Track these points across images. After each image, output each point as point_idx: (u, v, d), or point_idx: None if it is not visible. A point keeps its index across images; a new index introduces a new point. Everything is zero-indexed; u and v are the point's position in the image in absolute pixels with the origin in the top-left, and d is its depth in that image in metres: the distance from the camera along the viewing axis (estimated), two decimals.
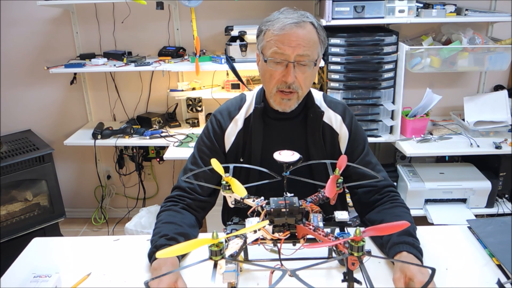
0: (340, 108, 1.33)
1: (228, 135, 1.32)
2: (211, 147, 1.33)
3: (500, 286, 1.03)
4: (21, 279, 1.11)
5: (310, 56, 1.16)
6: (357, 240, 0.73)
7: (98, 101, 2.80)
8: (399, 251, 1.08)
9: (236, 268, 0.85)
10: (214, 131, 1.34)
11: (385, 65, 2.21)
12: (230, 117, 1.33)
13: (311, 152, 1.30)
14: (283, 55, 1.15)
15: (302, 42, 1.13)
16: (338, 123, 1.31)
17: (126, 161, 2.89)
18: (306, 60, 1.16)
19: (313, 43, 1.16)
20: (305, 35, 1.14)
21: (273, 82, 1.19)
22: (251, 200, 0.98)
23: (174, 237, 1.14)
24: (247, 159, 1.32)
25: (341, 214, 0.96)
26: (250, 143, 1.31)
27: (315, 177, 1.28)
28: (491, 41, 2.32)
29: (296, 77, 1.16)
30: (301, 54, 1.14)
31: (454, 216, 2.23)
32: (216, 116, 1.35)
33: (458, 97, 2.54)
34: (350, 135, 1.31)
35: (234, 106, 1.35)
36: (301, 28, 1.14)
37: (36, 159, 2.39)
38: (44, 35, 2.65)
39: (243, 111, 1.33)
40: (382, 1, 2.13)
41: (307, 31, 1.15)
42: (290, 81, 1.16)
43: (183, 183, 1.31)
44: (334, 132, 1.31)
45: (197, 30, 2.34)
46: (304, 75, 1.17)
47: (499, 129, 2.34)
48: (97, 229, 2.93)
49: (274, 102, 1.23)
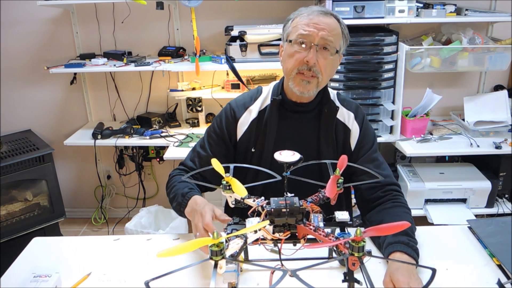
0: (353, 106, 1.37)
1: (241, 124, 1.35)
2: (220, 135, 1.36)
3: (500, 286, 1.03)
4: (21, 279, 1.11)
5: (333, 43, 1.21)
6: (357, 240, 0.73)
7: (98, 101, 2.80)
8: (392, 251, 1.08)
9: (237, 268, 0.85)
10: (227, 120, 1.36)
11: (385, 65, 2.22)
12: (245, 107, 1.36)
13: (322, 147, 1.32)
14: (308, 36, 1.20)
15: (327, 27, 1.20)
16: (351, 120, 1.34)
17: (126, 161, 2.89)
18: (329, 45, 1.21)
19: (336, 33, 1.22)
20: (330, 23, 1.21)
21: (295, 63, 1.22)
22: (252, 200, 0.98)
23: (194, 188, 1.26)
24: (259, 151, 1.33)
25: (342, 214, 0.96)
26: (264, 135, 1.32)
27: (324, 172, 1.29)
28: (491, 41, 2.32)
29: (318, 61, 1.20)
30: (325, 38, 1.19)
31: (454, 216, 2.23)
32: (231, 105, 1.38)
33: (458, 97, 2.54)
34: (360, 132, 1.34)
35: (250, 97, 1.38)
36: (327, 17, 1.22)
37: (36, 159, 2.39)
38: (44, 35, 2.65)
39: (258, 102, 1.36)
40: (382, 1, 2.13)
41: (332, 21, 1.22)
42: (312, 62, 1.19)
43: (189, 162, 1.38)
44: (347, 129, 1.34)
45: (197, 30, 2.34)
46: (326, 61, 1.21)
47: (499, 129, 2.34)
48: (97, 229, 2.93)
49: (293, 84, 1.24)
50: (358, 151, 1.33)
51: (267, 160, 1.30)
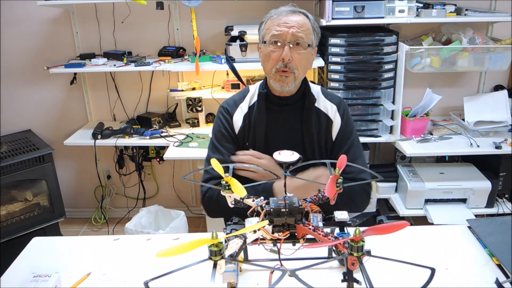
0: (336, 100, 1.45)
1: (236, 120, 1.43)
2: (226, 134, 1.43)
3: (498, 285, 1.03)
4: (21, 279, 1.11)
5: (304, 38, 1.30)
6: (356, 240, 0.73)
7: (98, 101, 2.80)
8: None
9: (236, 268, 0.85)
10: (225, 118, 1.44)
11: (385, 65, 2.21)
12: (236, 105, 1.45)
13: (305, 137, 1.41)
14: (280, 35, 1.29)
15: (296, 25, 1.29)
16: (333, 112, 1.43)
17: (126, 161, 2.89)
18: (300, 41, 1.30)
19: (306, 29, 1.31)
20: (299, 20, 1.31)
21: (272, 62, 1.32)
22: (251, 200, 0.97)
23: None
24: (251, 143, 1.42)
25: (341, 214, 0.96)
26: (255, 128, 1.41)
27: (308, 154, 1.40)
28: (491, 41, 2.32)
29: (292, 58, 1.29)
30: (296, 34, 1.29)
31: (454, 216, 2.23)
32: (223, 106, 1.47)
33: (458, 97, 2.54)
34: (341, 124, 1.42)
35: (239, 95, 1.48)
36: (296, 15, 1.32)
37: (36, 159, 2.39)
38: (44, 35, 2.65)
39: (247, 99, 1.45)
40: (382, 1, 2.13)
41: (301, 18, 1.32)
42: (287, 58, 1.28)
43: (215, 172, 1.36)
44: (329, 120, 1.42)
45: (197, 30, 2.34)
46: (300, 56, 1.31)
47: (499, 129, 2.34)
48: (97, 229, 2.93)
49: (273, 81, 1.34)
50: (339, 142, 1.41)
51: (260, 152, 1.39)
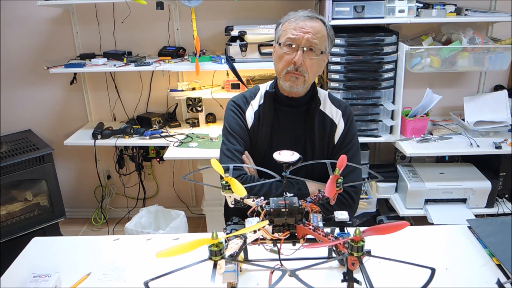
0: (342, 105, 1.49)
1: (248, 116, 1.47)
2: (240, 124, 1.44)
3: (499, 286, 1.03)
4: (21, 279, 1.11)
5: (318, 45, 1.32)
6: (356, 240, 0.73)
7: (98, 101, 2.80)
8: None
9: (236, 268, 0.85)
10: (239, 112, 1.46)
11: (385, 65, 2.21)
12: (247, 102, 1.48)
13: (308, 139, 1.44)
14: (295, 39, 1.32)
15: (312, 31, 1.32)
16: (338, 117, 1.46)
17: (126, 161, 2.89)
18: (314, 47, 1.32)
19: (321, 36, 1.33)
20: (315, 27, 1.33)
21: (284, 64, 1.35)
22: (251, 200, 0.98)
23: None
24: (255, 141, 1.45)
25: (341, 214, 0.96)
26: (262, 125, 1.45)
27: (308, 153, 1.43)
28: (491, 41, 2.32)
29: (304, 62, 1.32)
30: (310, 40, 1.31)
31: (454, 216, 2.23)
32: (234, 101, 1.49)
33: (458, 97, 2.54)
34: (344, 128, 1.45)
35: (249, 93, 1.51)
36: (313, 21, 1.34)
37: (36, 159, 2.39)
38: (44, 35, 2.65)
39: (257, 97, 1.48)
40: (382, 1, 2.13)
41: (318, 24, 1.34)
42: (299, 63, 1.31)
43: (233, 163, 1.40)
44: (334, 124, 1.46)
45: (197, 30, 2.34)
46: (311, 62, 1.34)
47: (499, 129, 2.34)
48: (97, 229, 2.93)
49: (283, 81, 1.37)
50: (340, 146, 1.44)
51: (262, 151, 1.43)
